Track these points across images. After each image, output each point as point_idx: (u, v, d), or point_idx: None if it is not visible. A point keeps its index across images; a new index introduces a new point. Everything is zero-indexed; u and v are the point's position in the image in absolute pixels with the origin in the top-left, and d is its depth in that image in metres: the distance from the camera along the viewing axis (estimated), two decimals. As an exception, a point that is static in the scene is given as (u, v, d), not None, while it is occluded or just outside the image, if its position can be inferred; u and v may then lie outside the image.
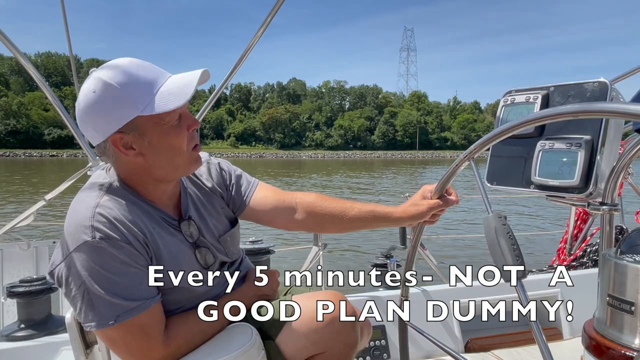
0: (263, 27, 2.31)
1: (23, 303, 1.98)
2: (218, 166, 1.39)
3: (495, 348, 2.09)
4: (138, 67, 1.08)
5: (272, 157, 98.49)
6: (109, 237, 1.04)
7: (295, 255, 5.70)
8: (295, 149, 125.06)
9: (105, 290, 1.03)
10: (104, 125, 1.07)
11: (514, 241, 0.89)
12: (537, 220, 11.96)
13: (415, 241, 1.35)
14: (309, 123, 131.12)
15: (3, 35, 2.09)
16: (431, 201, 1.31)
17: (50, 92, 2.40)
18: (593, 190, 1.07)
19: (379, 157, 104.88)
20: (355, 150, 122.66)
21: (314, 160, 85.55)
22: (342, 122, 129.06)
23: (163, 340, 1.10)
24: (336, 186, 24.32)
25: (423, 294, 2.16)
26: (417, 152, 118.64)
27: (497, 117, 1.30)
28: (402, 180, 29.70)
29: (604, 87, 1.08)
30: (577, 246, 3.22)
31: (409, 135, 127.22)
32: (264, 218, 1.40)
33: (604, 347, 0.90)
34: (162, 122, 1.08)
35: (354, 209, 1.36)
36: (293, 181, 28.41)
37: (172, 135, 1.10)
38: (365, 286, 4.17)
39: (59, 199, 2.66)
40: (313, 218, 1.37)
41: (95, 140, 1.11)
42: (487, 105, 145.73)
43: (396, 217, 1.34)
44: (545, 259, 4.60)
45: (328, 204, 1.37)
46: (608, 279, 0.91)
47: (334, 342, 1.20)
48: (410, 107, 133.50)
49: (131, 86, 1.05)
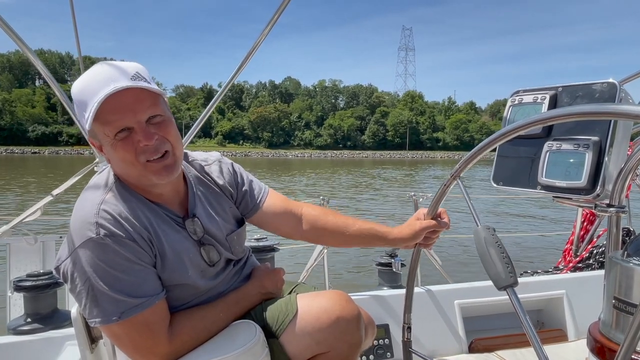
0: (269, 26, 2.30)
1: (30, 297, 2.00)
2: (231, 166, 1.41)
3: (499, 349, 2.08)
4: (93, 77, 1.09)
5: (257, 156, 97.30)
6: (113, 234, 1.04)
7: (300, 253, 5.71)
8: (284, 148, 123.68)
9: (110, 286, 1.04)
10: (83, 128, 1.16)
11: (503, 250, 0.92)
12: (543, 221, 11.90)
13: (412, 270, 1.36)
14: (298, 122, 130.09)
15: (12, 32, 2.10)
16: (424, 222, 1.37)
17: (59, 88, 2.42)
18: (600, 192, 1.06)
19: (367, 157, 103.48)
20: (344, 150, 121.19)
21: (300, 160, 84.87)
22: (332, 121, 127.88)
23: (167, 337, 1.11)
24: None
25: (427, 293, 2.15)
26: (406, 152, 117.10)
27: (504, 117, 1.29)
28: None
29: (612, 88, 1.07)
30: (583, 248, 3.21)
31: (400, 135, 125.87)
32: (270, 225, 1.43)
33: (609, 349, 0.90)
34: (105, 134, 1.09)
35: (355, 225, 1.41)
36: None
37: (117, 148, 1.09)
38: (369, 285, 4.18)
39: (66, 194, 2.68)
40: (315, 231, 1.42)
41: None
42: (487, 106, 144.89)
43: (392, 237, 1.40)
44: (551, 260, 4.58)
45: (331, 219, 1.42)
46: (614, 281, 0.91)
47: (338, 342, 1.20)
48: (404, 106, 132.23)
49: (80, 97, 1.10)
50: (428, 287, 2.20)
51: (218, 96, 2.56)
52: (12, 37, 2.12)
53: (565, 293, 2.29)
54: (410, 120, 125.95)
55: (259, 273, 1.38)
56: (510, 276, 0.87)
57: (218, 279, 1.27)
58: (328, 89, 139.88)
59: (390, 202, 16.75)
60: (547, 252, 7.34)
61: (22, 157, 74.16)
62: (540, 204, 13.41)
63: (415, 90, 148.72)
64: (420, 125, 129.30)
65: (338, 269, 6.81)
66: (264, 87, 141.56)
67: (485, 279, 2.23)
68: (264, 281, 1.35)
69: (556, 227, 10.36)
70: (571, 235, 3.34)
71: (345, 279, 6.52)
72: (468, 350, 2.12)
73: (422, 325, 2.00)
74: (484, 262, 0.92)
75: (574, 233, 3.31)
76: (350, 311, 1.23)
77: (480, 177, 22.75)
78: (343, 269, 7.04)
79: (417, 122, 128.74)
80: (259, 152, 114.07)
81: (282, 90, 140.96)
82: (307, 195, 18.76)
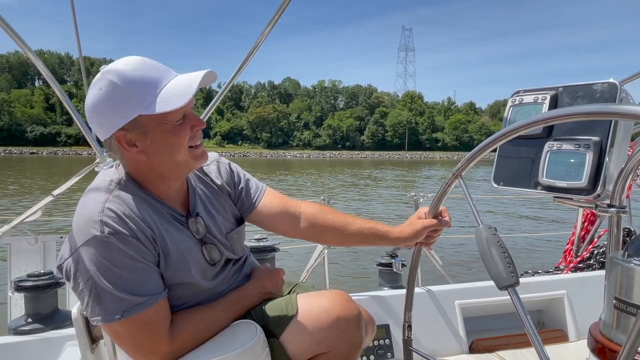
0: (269, 27, 2.31)
1: (30, 297, 2.00)
2: (228, 166, 1.41)
3: (499, 349, 2.08)
4: (144, 66, 1.10)
5: (255, 157, 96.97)
6: (117, 232, 1.05)
7: (300, 253, 5.70)
8: (282, 148, 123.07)
9: (113, 284, 1.04)
10: (109, 121, 1.09)
11: (505, 249, 0.92)
12: (543, 221, 11.89)
13: (413, 269, 1.36)
14: (297, 122, 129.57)
15: (13, 33, 2.11)
16: (425, 221, 1.36)
17: (59, 88, 2.42)
18: (601, 192, 1.06)
19: (366, 158, 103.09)
20: (343, 151, 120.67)
21: (298, 160, 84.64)
22: (331, 121, 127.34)
23: (168, 336, 1.11)
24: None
25: (428, 293, 2.15)
26: (405, 153, 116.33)
27: (505, 117, 1.29)
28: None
29: (613, 88, 1.07)
30: (583, 248, 3.20)
31: (399, 136, 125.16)
32: (268, 223, 1.42)
33: (610, 350, 0.90)
34: (165, 121, 1.10)
35: (355, 224, 1.39)
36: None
37: (173, 134, 1.11)
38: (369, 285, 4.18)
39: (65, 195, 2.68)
40: (314, 228, 1.40)
41: (102, 136, 1.13)
42: (487, 107, 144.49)
43: (393, 236, 1.38)
44: (552, 260, 4.58)
45: (331, 217, 1.40)
46: (615, 281, 0.91)
47: (339, 342, 1.20)
48: (403, 107, 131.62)
49: (135, 85, 1.07)
50: (428, 287, 2.20)
51: (218, 97, 2.55)
52: (13, 38, 2.12)
53: (566, 293, 2.28)
54: (409, 121, 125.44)
55: (259, 273, 1.38)
56: (512, 276, 0.87)
57: (218, 278, 1.28)
58: (327, 89, 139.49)
59: (380, 203, 16.69)
60: (547, 253, 7.36)
61: (21, 158, 74.15)
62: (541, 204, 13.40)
63: (415, 91, 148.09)
64: (419, 125, 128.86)
65: (338, 270, 6.81)
66: (263, 88, 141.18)
67: (485, 279, 2.23)
68: (264, 281, 1.35)
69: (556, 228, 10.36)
70: (572, 235, 3.34)
71: (345, 279, 6.52)
72: (469, 351, 2.11)
73: (422, 325, 2.01)
74: (485, 261, 0.92)
75: (574, 233, 3.31)
76: (350, 311, 1.23)
77: (477, 177, 22.69)
78: (343, 269, 7.03)
79: (416, 122, 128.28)
80: (257, 152, 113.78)
81: (281, 91, 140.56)
82: (304, 196, 18.77)
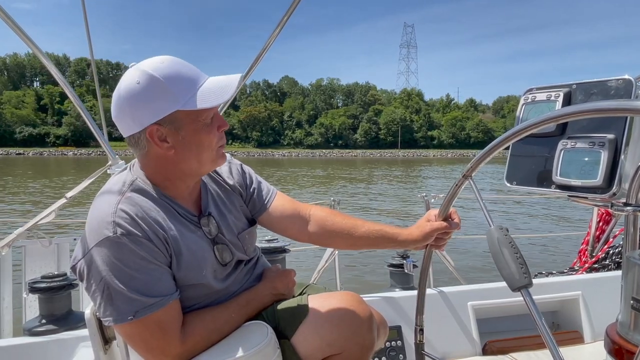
0: (279, 27, 2.31)
1: (44, 298, 2.03)
2: (240, 167, 1.42)
3: (513, 351, 2.05)
4: (181, 65, 1.13)
5: (244, 156, 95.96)
6: (130, 233, 1.05)
7: (311, 254, 5.71)
8: (273, 147, 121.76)
9: (125, 285, 1.04)
10: (143, 115, 1.09)
11: (517, 250, 0.90)
12: (557, 221, 11.74)
13: (424, 272, 1.35)
14: (289, 121, 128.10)
15: (26, 37, 2.14)
16: (435, 223, 1.35)
17: (71, 91, 2.45)
18: (617, 191, 1.04)
19: (357, 156, 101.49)
20: (334, 149, 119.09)
21: (287, 159, 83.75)
22: (323, 120, 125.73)
23: (180, 337, 1.11)
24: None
25: (440, 295, 2.13)
26: (398, 151, 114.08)
27: (517, 116, 1.27)
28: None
29: (628, 85, 1.05)
30: (599, 248, 3.15)
31: (392, 134, 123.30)
32: (278, 226, 1.42)
33: (627, 351, 0.88)
34: (198, 119, 1.12)
35: (364, 227, 1.39)
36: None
37: (204, 132, 1.14)
38: (381, 286, 4.16)
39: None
40: (323, 232, 1.40)
41: (130, 131, 1.12)
42: (491, 103, 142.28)
43: (402, 239, 1.38)
44: (566, 260, 4.52)
45: (339, 220, 1.40)
46: (632, 282, 0.89)
47: (350, 343, 1.19)
48: (399, 104, 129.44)
49: (175, 81, 1.08)
50: (441, 288, 2.18)
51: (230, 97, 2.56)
52: (25, 41, 2.15)
53: (581, 294, 2.25)
54: (403, 118, 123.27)
55: (270, 274, 1.38)
56: (525, 277, 0.85)
57: (230, 279, 1.28)
58: (323, 87, 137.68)
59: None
60: (561, 253, 7.26)
61: (6, 158, 74.63)
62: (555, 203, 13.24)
63: (415, 88, 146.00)
64: (414, 123, 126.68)
65: (349, 270, 6.79)
66: (258, 87, 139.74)
67: (498, 280, 2.20)
68: (276, 282, 1.35)
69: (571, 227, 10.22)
70: (586, 235, 3.29)
71: (356, 280, 6.50)
72: (482, 353, 2.09)
73: (434, 327, 1.99)
74: (497, 262, 0.90)
75: (589, 233, 3.25)
76: (362, 312, 1.22)
77: (480, 177, 22.43)
78: (354, 270, 7.02)
79: (411, 120, 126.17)
80: (246, 151, 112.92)
81: (276, 90, 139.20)
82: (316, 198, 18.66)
